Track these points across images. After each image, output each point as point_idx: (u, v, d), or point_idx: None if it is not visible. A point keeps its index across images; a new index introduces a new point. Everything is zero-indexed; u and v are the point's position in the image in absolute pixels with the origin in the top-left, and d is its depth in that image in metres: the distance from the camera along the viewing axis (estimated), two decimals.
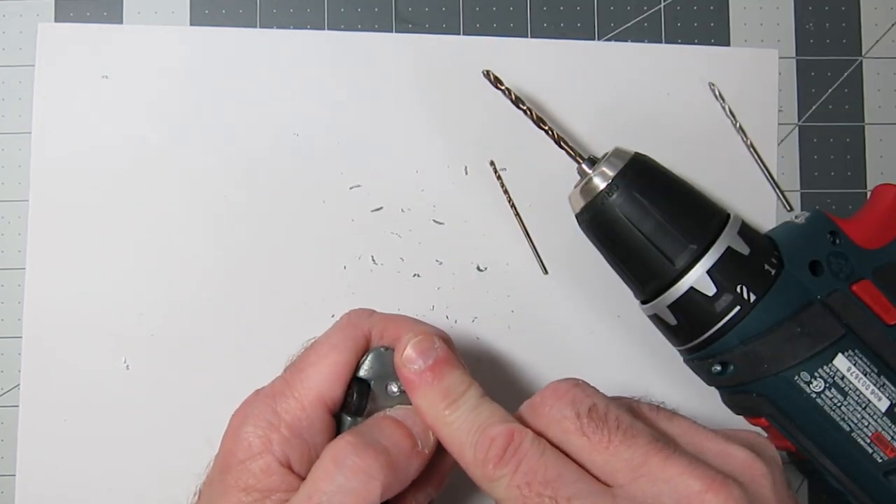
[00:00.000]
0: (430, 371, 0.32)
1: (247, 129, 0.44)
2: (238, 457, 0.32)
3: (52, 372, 0.43)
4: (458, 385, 0.32)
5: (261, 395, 0.34)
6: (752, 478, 0.30)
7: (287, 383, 0.33)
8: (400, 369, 0.33)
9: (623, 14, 0.45)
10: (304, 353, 0.34)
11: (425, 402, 0.32)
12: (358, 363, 0.34)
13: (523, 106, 0.40)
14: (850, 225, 0.38)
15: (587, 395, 0.31)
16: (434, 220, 0.44)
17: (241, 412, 0.34)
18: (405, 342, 0.33)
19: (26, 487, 0.43)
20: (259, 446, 0.32)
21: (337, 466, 0.30)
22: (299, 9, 0.45)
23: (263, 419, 0.32)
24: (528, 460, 0.30)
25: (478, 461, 0.31)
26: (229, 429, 0.33)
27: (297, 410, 0.33)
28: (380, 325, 0.35)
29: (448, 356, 0.33)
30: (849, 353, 0.36)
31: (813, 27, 0.45)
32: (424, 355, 0.32)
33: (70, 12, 0.44)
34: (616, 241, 0.38)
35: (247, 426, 0.32)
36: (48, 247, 0.43)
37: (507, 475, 0.30)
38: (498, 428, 0.31)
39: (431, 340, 0.33)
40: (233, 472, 0.32)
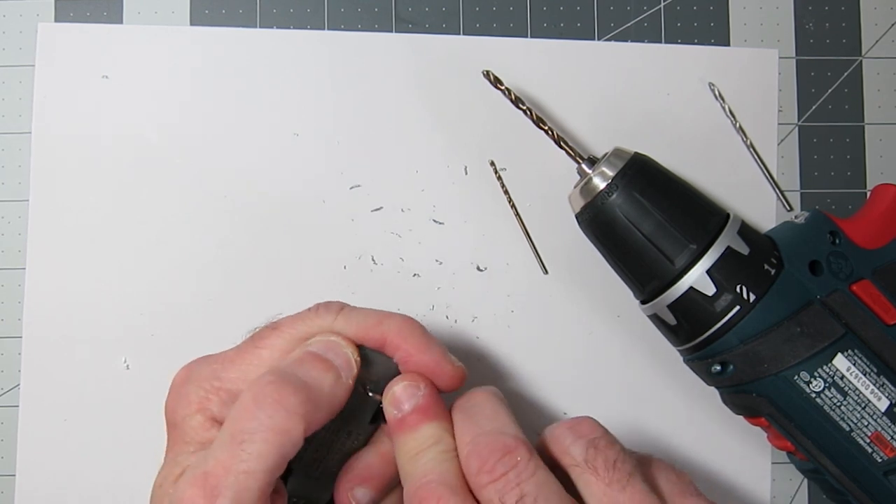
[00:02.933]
0: (409, 418, 0.33)
1: (247, 128, 0.44)
2: (179, 413, 0.33)
3: (52, 372, 0.43)
4: (428, 438, 0.33)
5: (209, 360, 0.34)
6: None
7: (239, 354, 0.34)
8: (386, 408, 0.34)
9: (623, 14, 0.45)
10: (265, 332, 0.35)
11: (398, 449, 0.33)
12: None
13: (523, 106, 0.40)
14: (850, 225, 0.38)
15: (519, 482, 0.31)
16: (434, 220, 0.44)
17: (186, 372, 0.35)
18: (395, 382, 0.34)
19: (26, 487, 0.43)
20: (197, 404, 0.33)
21: (257, 404, 0.30)
22: (299, 9, 0.45)
23: (206, 381, 0.33)
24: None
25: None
26: (172, 386, 0.35)
27: (239, 382, 0.33)
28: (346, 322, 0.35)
29: (427, 406, 0.33)
30: (848, 352, 0.36)
31: (813, 27, 0.45)
32: (409, 400, 0.33)
33: (70, 12, 0.44)
34: (616, 241, 0.38)
35: (189, 385, 0.34)
36: (48, 247, 0.43)
37: None
38: (432, 490, 0.31)
39: (417, 386, 0.34)
40: (177, 428, 0.33)
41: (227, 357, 0.34)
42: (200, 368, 0.34)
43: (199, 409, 0.33)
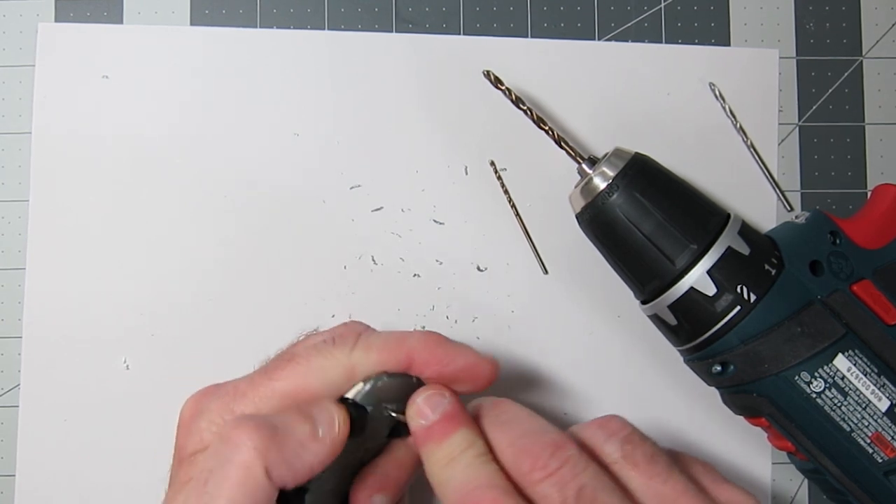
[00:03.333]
0: (434, 428, 0.32)
1: (247, 128, 0.44)
2: (188, 450, 0.32)
3: (52, 372, 0.43)
4: (460, 444, 0.32)
5: (221, 391, 0.33)
6: None
7: (252, 386, 0.32)
8: (409, 421, 0.33)
9: (623, 14, 0.45)
10: (280, 363, 0.33)
11: (427, 459, 0.32)
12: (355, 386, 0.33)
13: (523, 106, 0.40)
14: (851, 225, 0.38)
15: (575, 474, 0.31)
16: (434, 220, 0.44)
17: (196, 404, 0.33)
18: (417, 395, 0.33)
19: (26, 487, 0.43)
20: (210, 442, 0.31)
21: (221, 441, 0.30)
22: (299, 9, 0.45)
23: (218, 416, 0.32)
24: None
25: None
26: (182, 419, 0.33)
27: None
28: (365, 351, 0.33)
29: (454, 412, 0.33)
30: (849, 353, 0.36)
31: (813, 27, 0.45)
32: (434, 410, 0.32)
33: (70, 12, 0.44)
34: (616, 241, 0.38)
35: (201, 420, 0.32)
36: (48, 247, 0.43)
37: None
38: (482, 494, 0.30)
39: (442, 395, 0.33)
40: (184, 465, 0.32)
41: (238, 389, 0.33)
42: (211, 402, 0.33)
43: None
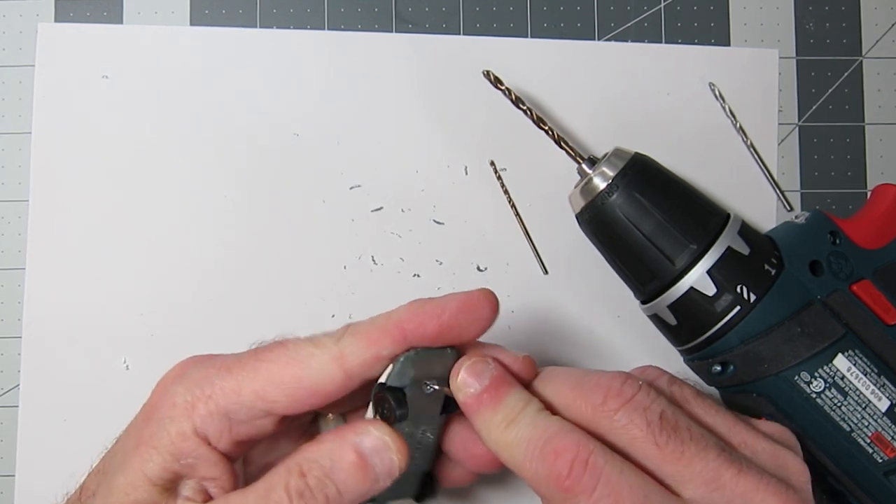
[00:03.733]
0: (487, 393, 0.31)
1: (247, 129, 0.44)
2: (160, 412, 0.31)
3: (52, 372, 0.43)
4: (517, 403, 0.31)
5: (208, 362, 0.32)
6: (802, 483, 0.31)
7: (239, 363, 0.32)
8: (456, 394, 0.32)
9: (623, 14, 0.45)
10: (271, 345, 0.32)
11: (484, 425, 0.31)
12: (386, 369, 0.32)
13: (523, 106, 0.40)
14: (850, 225, 0.38)
15: (652, 399, 0.31)
16: (434, 220, 0.44)
17: (181, 368, 0.33)
18: (459, 366, 0.32)
19: (26, 487, 0.43)
20: (182, 409, 0.31)
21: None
22: (299, 9, 0.45)
23: (197, 386, 0.31)
24: (607, 478, 0.29)
25: (542, 477, 0.29)
26: (163, 380, 0.33)
27: (232, 393, 0.31)
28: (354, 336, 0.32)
29: (501, 376, 0.32)
30: (849, 353, 0.36)
31: (813, 27, 0.45)
32: (480, 377, 0.32)
33: (70, 12, 0.44)
34: (616, 241, 0.38)
35: (179, 385, 0.32)
36: (48, 247, 0.43)
37: (584, 493, 0.29)
38: (562, 439, 0.30)
39: (486, 362, 0.32)
40: (150, 425, 0.31)
41: (224, 364, 0.32)
42: (195, 370, 0.32)
43: (183, 414, 0.31)
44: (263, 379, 0.31)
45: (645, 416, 0.30)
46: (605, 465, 0.29)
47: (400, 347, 0.32)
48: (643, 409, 0.30)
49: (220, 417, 0.31)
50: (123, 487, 0.30)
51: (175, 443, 0.31)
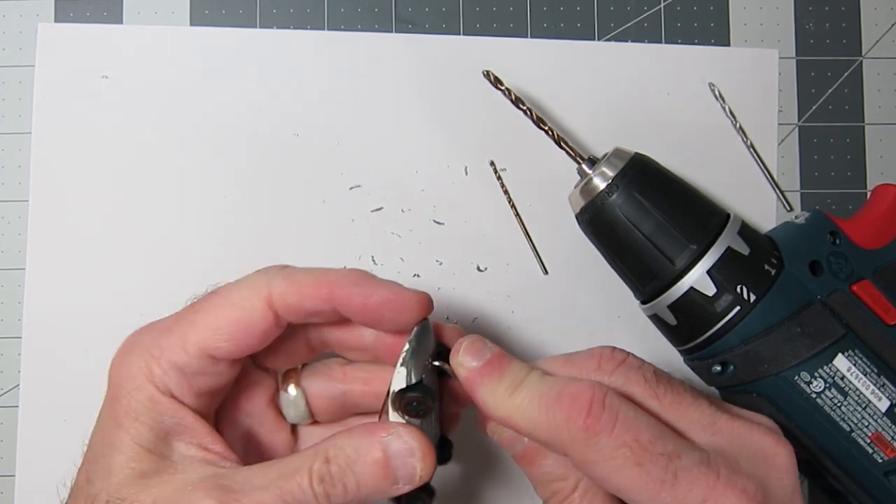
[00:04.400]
0: (488, 365, 0.32)
1: (247, 129, 0.44)
2: (124, 387, 0.32)
3: (52, 372, 0.43)
4: (520, 372, 0.32)
5: (150, 328, 0.34)
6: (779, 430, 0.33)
7: (177, 321, 0.33)
8: (457, 370, 0.33)
9: (623, 14, 0.45)
10: (204, 296, 0.34)
11: (490, 395, 0.32)
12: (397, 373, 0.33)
13: (523, 106, 0.40)
14: (850, 225, 0.38)
15: (641, 361, 0.33)
16: (434, 220, 0.44)
17: (129, 342, 0.34)
18: (458, 346, 0.33)
19: (26, 487, 0.43)
20: (141, 377, 0.32)
21: None
22: (299, 9, 0.45)
23: (146, 351, 0.33)
24: (625, 416, 0.30)
25: (561, 423, 0.30)
26: (116, 357, 0.34)
27: (178, 349, 0.32)
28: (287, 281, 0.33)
29: (502, 351, 0.33)
30: (849, 353, 0.36)
31: (813, 27, 0.45)
32: (479, 353, 0.32)
33: (70, 12, 0.44)
34: (616, 241, 0.38)
35: (131, 356, 0.33)
36: (48, 247, 0.43)
37: (604, 431, 0.30)
38: (575, 386, 0.31)
39: (483, 341, 0.33)
40: (121, 401, 0.32)
41: (165, 325, 0.33)
42: (141, 338, 0.34)
43: (144, 381, 0.32)
44: (201, 329, 0.32)
45: (641, 372, 0.32)
46: (621, 404, 0.30)
47: (324, 306, 0.33)
48: (637, 367, 0.32)
49: (176, 373, 0.32)
50: (124, 463, 0.31)
51: (151, 408, 0.32)
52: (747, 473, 0.30)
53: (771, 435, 0.32)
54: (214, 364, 0.33)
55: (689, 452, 0.30)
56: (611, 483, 0.30)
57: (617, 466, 0.30)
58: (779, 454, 0.32)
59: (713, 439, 0.31)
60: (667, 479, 0.29)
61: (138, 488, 0.31)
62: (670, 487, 0.29)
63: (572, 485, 0.32)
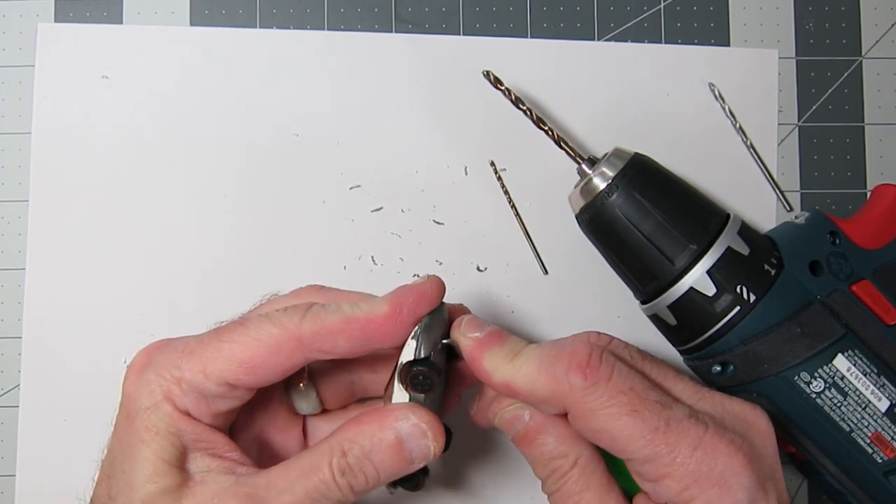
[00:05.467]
0: (490, 336, 0.34)
1: (247, 129, 0.44)
2: (142, 403, 0.33)
3: (52, 372, 0.43)
4: (518, 343, 0.34)
5: (171, 346, 0.34)
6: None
7: (201, 345, 0.33)
8: (459, 340, 0.34)
9: (623, 14, 0.45)
10: (232, 325, 0.34)
11: (491, 363, 0.33)
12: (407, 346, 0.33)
13: (523, 106, 0.40)
14: (850, 225, 0.38)
15: (624, 342, 0.35)
16: (434, 220, 0.44)
17: (146, 357, 0.34)
18: (459, 321, 0.34)
19: (26, 487, 0.43)
20: (160, 394, 0.33)
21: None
22: (299, 9, 0.45)
23: (167, 370, 0.33)
24: (620, 370, 0.32)
25: (561, 375, 0.32)
26: (131, 370, 0.34)
27: (200, 374, 0.32)
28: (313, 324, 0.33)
29: (500, 329, 0.34)
30: (849, 353, 0.36)
31: (813, 27, 0.45)
32: (481, 327, 0.34)
33: (70, 12, 0.44)
34: (616, 241, 0.38)
35: (150, 373, 0.33)
36: (48, 247, 0.43)
37: (602, 380, 0.31)
38: (574, 344, 0.33)
39: (481, 320, 0.34)
40: (140, 417, 0.32)
41: (188, 347, 0.33)
42: (160, 356, 0.33)
43: (163, 398, 0.32)
44: (225, 359, 0.32)
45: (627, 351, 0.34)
46: (616, 361, 0.32)
47: (357, 344, 0.33)
48: (623, 347, 0.35)
49: (195, 396, 0.33)
50: (148, 478, 0.32)
51: (170, 424, 0.32)
52: (732, 430, 0.32)
53: (749, 404, 0.34)
54: (234, 390, 0.33)
55: (679, 406, 0.32)
56: (608, 432, 0.31)
57: (614, 414, 0.31)
58: (759, 419, 0.33)
59: (699, 405, 0.33)
60: (660, 427, 0.31)
61: (164, 502, 0.31)
62: (663, 434, 0.31)
63: (571, 461, 0.33)
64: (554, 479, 0.34)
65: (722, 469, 0.31)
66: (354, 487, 0.32)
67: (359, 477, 0.32)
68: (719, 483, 0.31)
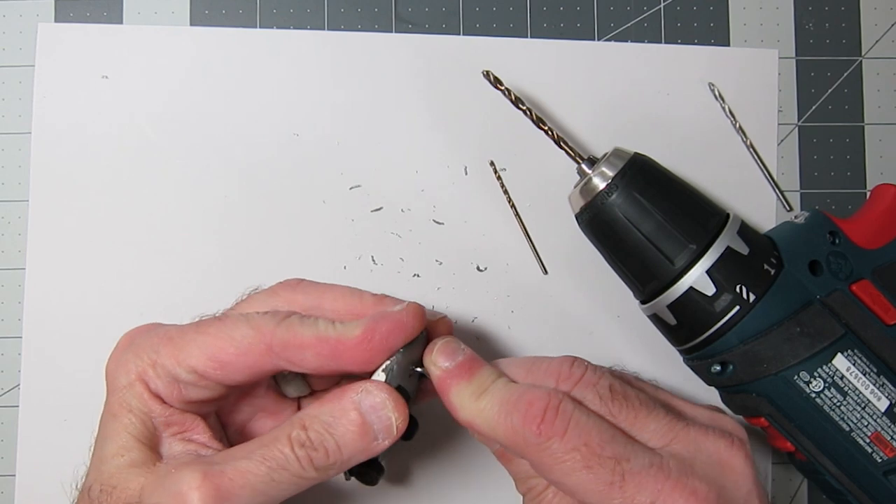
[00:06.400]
0: (459, 368, 0.34)
1: (247, 129, 0.44)
2: (120, 381, 0.34)
3: (52, 372, 0.43)
4: (487, 378, 0.34)
5: (152, 332, 0.35)
6: (742, 435, 0.34)
7: (180, 334, 0.34)
8: (429, 368, 0.34)
9: (623, 14, 0.45)
10: (213, 320, 0.35)
11: (457, 399, 0.33)
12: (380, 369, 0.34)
13: (523, 106, 0.40)
14: (850, 225, 0.38)
15: (599, 376, 0.34)
16: (434, 220, 0.44)
17: (129, 338, 0.36)
18: (432, 345, 0.34)
19: (26, 487, 0.43)
20: (134, 374, 0.34)
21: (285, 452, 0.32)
22: (299, 9, 0.45)
23: (145, 353, 0.34)
24: (577, 421, 0.32)
25: (518, 427, 0.32)
26: (115, 350, 0.36)
27: (172, 361, 0.33)
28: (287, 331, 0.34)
29: (473, 355, 0.34)
30: (848, 352, 0.36)
31: (813, 27, 0.45)
32: (452, 356, 0.34)
33: (70, 12, 0.44)
34: (616, 241, 0.38)
35: (129, 353, 0.35)
36: (48, 247, 0.43)
37: (557, 436, 0.31)
38: (533, 392, 0.32)
39: (457, 343, 0.34)
40: (116, 394, 0.34)
41: (168, 334, 0.34)
42: (143, 339, 0.35)
43: (137, 379, 0.34)
44: (198, 350, 0.33)
45: (596, 390, 0.33)
46: (574, 410, 0.32)
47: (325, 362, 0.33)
48: (593, 385, 0.33)
49: (168, 380, 0.34)
50: (115, 451, 0.33)
51: (142, 403, 0.33)
52: (700, 475, 0.31)
53: (727, 439, 0.33)
54: (203, 381, 0.34)
55: (639, 456, 0.31)
56: (564, 485, 0.32)
57: (568, 469, 0.31)
58: (735, 457, 0.33)
59: (670, 446, 0.32)
60: (615, 482, 0.31)
61: (127, 476, 0.32)
62: (619, 489, 0.31)
63: (545, 482, 0.34)
64: (531, 496, 0.34)
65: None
66: (315, 461, 0.32)
67: (319, 450, 0.32)
68: None
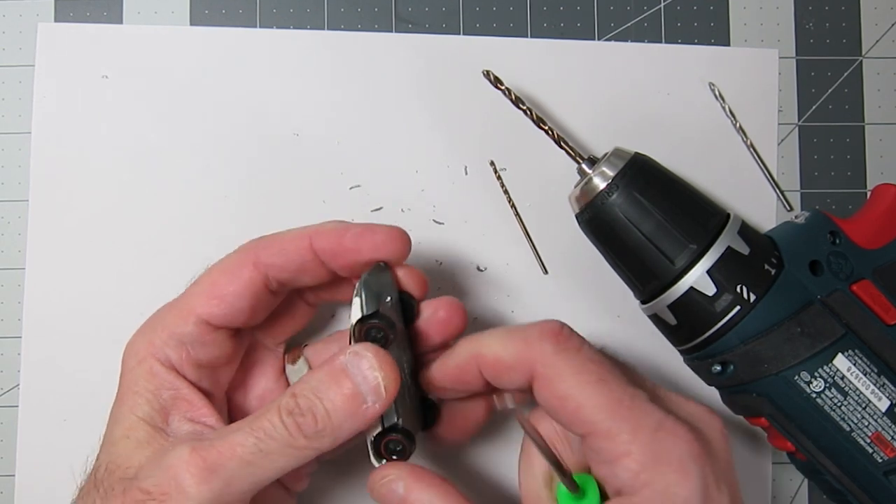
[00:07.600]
0: None
1: (247, 129, 0.44)
2: (129, 364, 0.35)
3: (52, 372, 0.43)
4: None
5: (159, 310, 0.36)
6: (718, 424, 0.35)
7: (178, 297, 0.36)
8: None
9: (623, 14, 0.45)
10: (195, 283, 0.36)
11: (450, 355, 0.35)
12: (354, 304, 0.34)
13: (523, 106, 0.40)
14: (850, 225, 0.38)
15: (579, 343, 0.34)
16: (434, 220, 0.44)
17: (139, 328, 0.37)
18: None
19: (26, 487, 0.43)
20: (143, 352, 0.35)
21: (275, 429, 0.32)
22: (299, 9, 0.45)
23: (150, 328, 0.35)
24: (588, 345, 0.33)
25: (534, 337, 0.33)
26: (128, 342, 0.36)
27: (177, 319, 0.35)
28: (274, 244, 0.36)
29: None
30: (849, 352, 0.36)
31: (813, 27, 0.45)
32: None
33: (70, 12, 0.44)
34: (616, 241, 0.38)
35: (138, 335, 0.36)
36: (48, 247, 0.43)
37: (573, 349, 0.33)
38: (543, 321, 0.34)
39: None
40: (125, 380, 0.35)
41: (171, 302, 0.36)
42: (149, 320, 0.36)
43: (146, 355, 0.34)
44: (195, 297, 0.35)
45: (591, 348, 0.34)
46: (585, 341, 0.34)
47: (307, 257, 0.35)
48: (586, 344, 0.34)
49: (175, 342, 0.34)
50: (122, 433, 0.33)
51: (150, 380, 0.34)
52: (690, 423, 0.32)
53: (706, 408, 0.34)
54: (212, 332, 0.35)
55: (641, 390, 0.32)
56: (573, 399, 0.32)
57: (582, 381, 0.32)
58: (715, 420, 0.34)
59: (655, 391, 0.34)
60: (624, 401, 0.31)
61: (131, 455, 0.33)
62: (627, 409, 0.31)
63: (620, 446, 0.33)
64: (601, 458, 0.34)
65: (681, 455, 0.31)
66: (303, 428, 0.31)
67: (307, 416, 0.31)
68: (679, 469, 0.30)
